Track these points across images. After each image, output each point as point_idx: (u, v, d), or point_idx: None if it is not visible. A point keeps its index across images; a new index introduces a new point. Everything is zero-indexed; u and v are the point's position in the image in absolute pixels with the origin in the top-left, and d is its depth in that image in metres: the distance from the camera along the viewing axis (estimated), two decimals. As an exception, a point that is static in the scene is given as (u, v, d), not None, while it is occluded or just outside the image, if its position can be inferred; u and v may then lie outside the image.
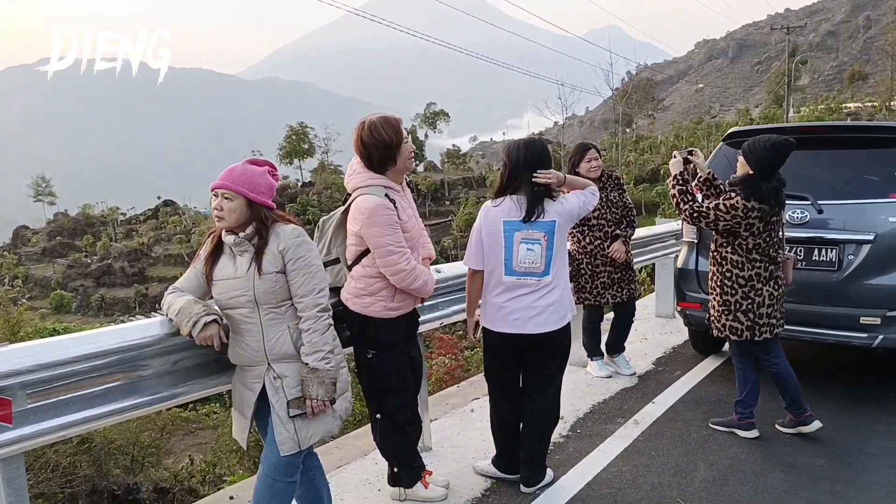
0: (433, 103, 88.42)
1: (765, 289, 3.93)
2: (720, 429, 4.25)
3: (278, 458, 2.66)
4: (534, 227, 3.28)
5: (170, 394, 2.83)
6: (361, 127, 3.12)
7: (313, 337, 2.61)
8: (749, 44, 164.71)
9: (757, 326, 3.94)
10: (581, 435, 4.30)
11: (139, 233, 69.63)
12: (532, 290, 3.32)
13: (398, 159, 3.14)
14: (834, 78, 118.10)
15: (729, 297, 3.99)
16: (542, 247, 3.27)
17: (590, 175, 5.01)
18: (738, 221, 3.83)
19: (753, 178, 3.84)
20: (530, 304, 3.32)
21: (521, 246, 3.28)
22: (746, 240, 3.88)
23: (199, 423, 14.93)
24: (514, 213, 3.30)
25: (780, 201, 3.88)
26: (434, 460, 3.91)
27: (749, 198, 3.80)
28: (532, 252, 3.27)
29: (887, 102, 67.61)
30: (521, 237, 3.28)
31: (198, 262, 2.75)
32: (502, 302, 3.37)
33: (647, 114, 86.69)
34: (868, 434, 4.16)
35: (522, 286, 3.33)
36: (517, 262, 3.30)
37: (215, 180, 2.64)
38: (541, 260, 3.29)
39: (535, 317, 3.32)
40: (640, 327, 6.92)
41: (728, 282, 3.98)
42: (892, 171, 4.55)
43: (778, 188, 3.86)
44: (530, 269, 3.30)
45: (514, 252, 3.30)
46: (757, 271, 3.92)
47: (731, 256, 3.96)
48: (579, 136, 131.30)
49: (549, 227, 3.29)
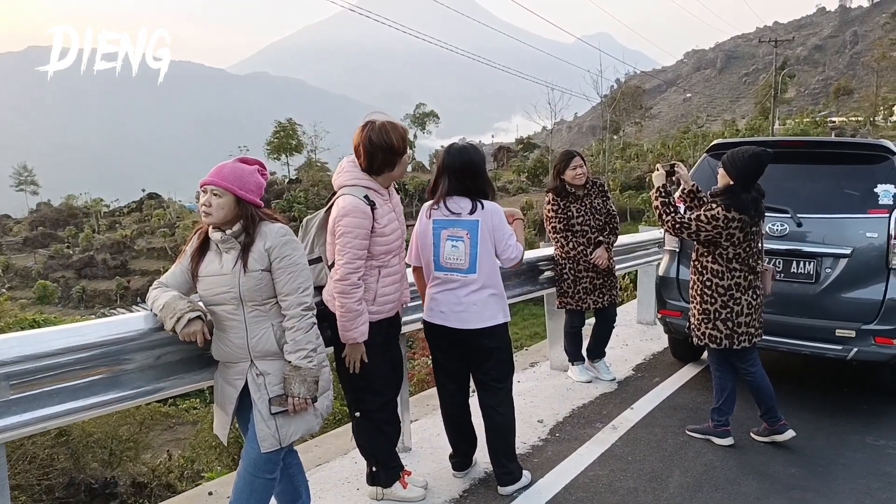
0: (423, 104, 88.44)
1: (743, 298, 4.00)
2: (696, 436, 4.31)
3: (259, 455, 2.68)
4: (458, 226, 3.39)
5: (152, 388, 2.85)
6: (371, 126, 3.12)
7: (297, 335, 2.64)
8: (737, 55, 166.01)
9: (736, 335, 4.01)
10: (560, 438, 4.34)
11: (123, 225, 69.05)
12: (459, 285, 3.42)
13: (397, 167, 3.17)
14: (820, 92, 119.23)
15: (709, 305, 4.05)
16: (465, 244, 3.38)
17: (575, 182, 5.10)
18: (720, 232, 3.89)
19: (734, 189, 3.91)
20: (458, 300, 3.41)
21: (447, 243, 3.41)
22: (727, 249, 3.95)
23: (178, 419, 14.86)
24: (443, 211, 3.42)
25: (759, 211, 3.96)
26: (413, 461, 3.94)
27: (730, 208, 3.87)
28: (456, 249, 3.40)
29: (872, 117, 68.37)
30: (447, 234, 3.41)
31: (184, 258, 2.76)
32: (433, 294, 3.51)
33: (634, 121, 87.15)
34: (840, 444, 4.23)
35: (450, 281, 3.44)
36: (443, 257, 3.43)
37: (204, 175, 2.67)
38: (465, 257, 3.39)
39: (461, 312, 3.42)
40: (621, 333, 6.99)
41: (708, 290, 4.05)
42: (871, 188, 4.64)
43: (757, 198, 3.94)
44: (455, 266, 3.41)
45: (441, 248, 3.42)
46: (736, 281, 3.98)
47: (712, 266, 4.02)
48: (567, 140, 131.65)
49: (473, 225, 3.37)
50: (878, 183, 4.65)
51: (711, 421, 4.27)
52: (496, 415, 3.55)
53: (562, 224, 5.18)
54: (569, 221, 5.17)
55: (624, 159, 60.82)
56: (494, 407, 3.54)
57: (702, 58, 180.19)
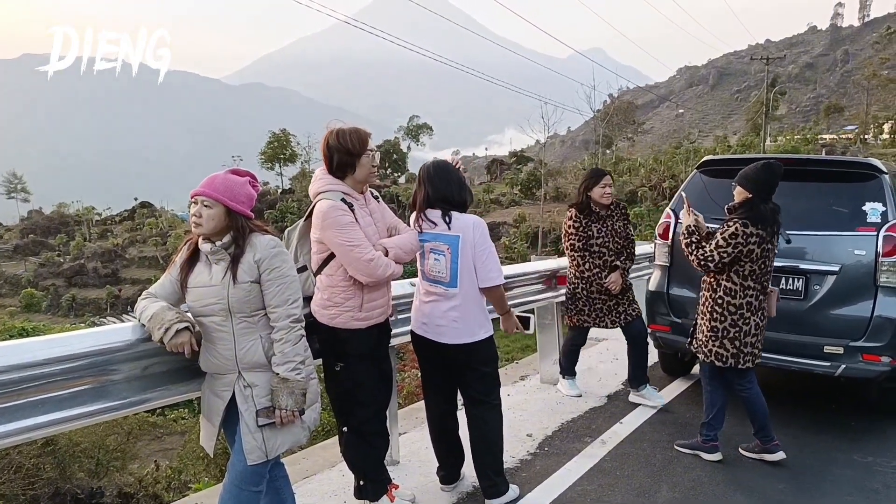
0: (417, 116, 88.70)
1: (753, 318, 4.01)
2: (685, 451, 4.31)
3: (245, 467, 2.67)
4: (439, 240, 3.45)
5: (139, 399, 2.83)
6: (329, 132, 3.22)
7: (285, 347, 2.64)
8: (729, 72, 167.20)
9: (742, 354, 4.02)
10: (548, 453, 4.34)
11: (114, 233, 68.82)
12: (442, 298, 3.47)
13: (357, 168, 3.20)
14: (811, 109, 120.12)
15: (718, 323, 4.05)
16: (446, 258, 3.44)
17: (601, 201, 5.07)
18: (740, 249, 3.89)
19: (753, 201, 3.94)
20: (441, 313, 3.47)
21: (430, 255, 3.48)
22: (744, 266, 3.95)
23: (166, 429, 14.78)
24: (425, 224, 3.49)
25: (776, 224, 3.98)
26: (401, 474, 3.92)
27: (747, 224, 3.88)
28: (438, 262, 3.46)
29: (862, 135, 68.91)
30: (430, 247, 3.48)
31: (173, 269, 2.76)
32: (419, 304, 3.59)
33: (627, 136, 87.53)
34: (828, 461, 4.24)
35: (433, 293, 3.50)
36: (427, 269, 3.51)
37: (196, 185, 2.67)
38: (446, 270, 3.44)
39: (441, 326, 3.47)
40: (611, 347, 7.01)
41: (719, 308, 4.05)
42: (860, 205, 4.67)
43: (776, 210, 3.97)
44: (438, 278, 3.47)
45: (427, 260, 3.50)
46: (748, 300, 3.99)
47: (726, 283, 4.02)
48: (560, 154, 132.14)
49: (454, 241, 3.42)
50: (867, 201, 4.69)
51: (700, 436, 4.27)
52: (482, 428, 3.55)
53: (581, 243, 5.10)
54: (588, 241, 5.08)
55: (616, 174, 61.04)
56: (481, 419, 3.54)
57: (694, 74, 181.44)
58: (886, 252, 4.51)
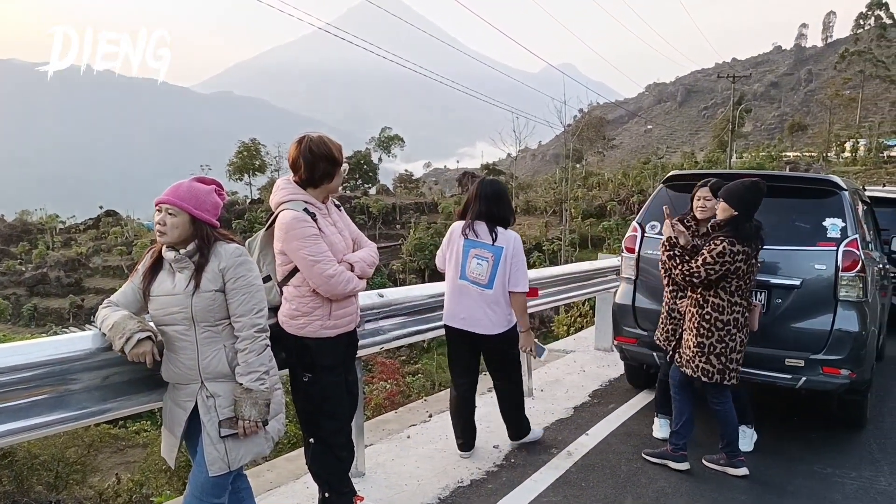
0: (388, 127, 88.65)
1: (739, 335, 4.06)
2: (653, 460, 4.35)
3: (206, 479, 2.62)
4: (484, 248, 4.15)
5: (98, 409, 2.78)
6: (309, 139, 3.19)
7: (249, 357, 2.61)
8: (697, 89, 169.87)
9: (728, 370, 4.06)
10: (514, 465, 4.34)
11: (78, 242, 67.54)
12: (478, 296, 4.15)
13: (335, 178, 3.21)
14: (775, 127, 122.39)
15: (704, 339, 4.09)
16: (488, 264, 4.14)
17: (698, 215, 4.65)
18: (728, 267, 3.93)
19: (738, 219, 3.99)
20: (477, 308, 4.16)
21: (473, 260, 4.16)
22: (731, 283, 4.00)
23: (128, 441, 14.51)
24: (471, 233, 4.17)
25: (759, 241, 4.05)
26: (367, 486, 3.90)
27: (734, 242, 3.93)
28: (480, 266, 4.15)
29: (824, 153, 70.41)
30: (474, 253, 4.16)
31: (135, 277, 2.72)
32: (456, 300, 4.23)
33: (597, 150, 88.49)
34: (789, 473, 4.30)
35: (470, 291, 4.17)
36: (468, 271, 4.17)
37: (161, 194, 2.64)
38: (486, 274, 4.14)
39: (479, 320, 4.17)
40: (578, 359, 7.05)
41: (706, 324, 4.08)
42: (821, 221, 4.77)
43: (759, 228, 4.04)
44: (477, 279, 4.15)
45: (468, 263, 4.16)
46: (735, 316, 4.04)
47: (714, 300, 4.05)
48: (531, 168, 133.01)
49: (498, 251, 4.13)
50: (827, 217, 4.78)
51: (669, 444, 4.31)
52: (508, 396, 4.48)
53: None
54: None
55: (586, 188, 61.69)
56: (507, 390, 4.47)
57: (663, 91, 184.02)
58: (846, 267, 4.60)
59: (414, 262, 50.60)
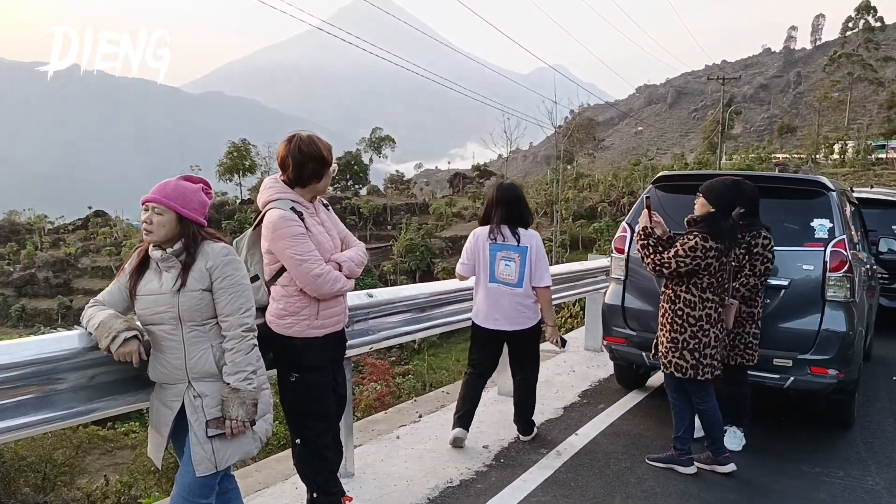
0: (379, 128, 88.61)
1: (712, 331, 4.05)
2: (658, 465, 4.29)
3: (193, 479, 2.61)
4: (510, 249, 4.42)
5: (85, 409, 2.75)
6: (299, 138, 3.17)
7: (236, 357, 2.59)
8: (687, 91, 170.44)
9: (701, 366, 4.05)
10: (504, 464, 4.34)
11: (67, 243, 67.12)
12: (509, 295, 4.43)
13: (324, 178, 3.20)
14: (765, 129, 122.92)
15: (678, 334, 4.09)
16: (516, 264, 4.42)
17: None
18: (699, 262, 3.94)
19: (714, 216, 4.00)
20: (510, 307, 4.44)
21: (500, 262, 4.43)
22: (702, 279, 4.01)
23: (116, 443, 14.43)
24: (493, 236, 4.43)
25: (734, 240, 4.05)
26: (355, 486, 3.89)
27: (707, 238, 3.93)
28: (508, 267, 4.43)
29: (813, 155, 70.77)
30: (501, 255, 4.43)
31: (122, 276, 2.70)
32: (488, 301, 4.47)
33: (588, 152, 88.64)
34: (777, 472, 4.32)
35: (502, 292, 4.44)
36: (497, 273, 4.44)
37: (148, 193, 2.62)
38: (515, 274, 4.42)
39: (513, 318, 4.46)
40: (568, 360, 7.07)
41: (679, 320, 4.09)
42: (808, 221, 4.80)
43: (734, 227, 4.03)
44: (506, 280, 4.43)
45: (496, 265, 4.43)
46: (708, 312, 4.04)
47: (685, 295, 4.06)
48: (522, 169, 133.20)
49: (523, 251, 4.43)
50: (815, 217, 4.81)
51: (675, 450, 4.27)
52: (526, 385, 4.68)
53: None
54: None
55: (577, 189, 61.76)
56: (527, 379, 4.67)
57: (653, 93, 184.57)
58: (833, 267, 4.63)
59: (405, 263, 50.57)
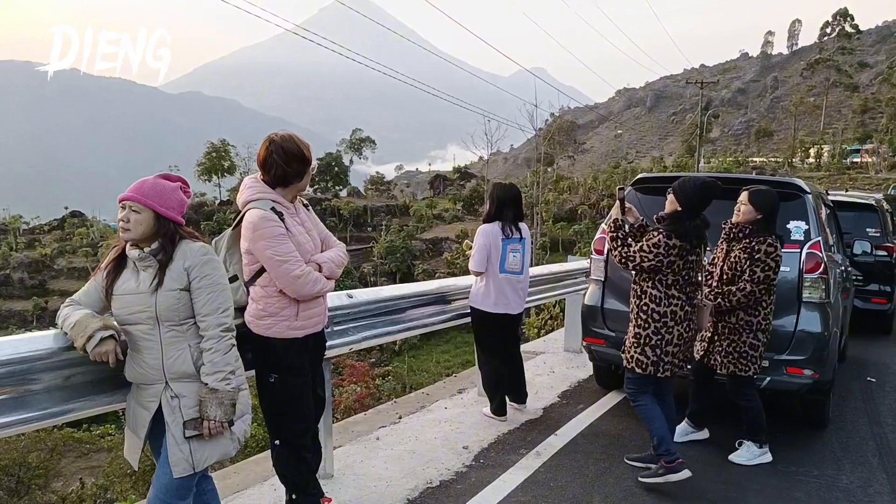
0: (359, 129, 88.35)
1: (676, 329, 4.03)
2: (653, 480, 4.02)
3: (171, 480, 2.58)
4: (516, 242, 4.98)
5: (60, 410, 2.71)
6: (277, 138, 3.16)
7: (215, 357, 2.57)
8: (666, 95, 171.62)
9: (662, 363, 4.04)
10: (484, 465, 4.34)
11: (42, 243, 66.23)
12: (516, 283, 5.01)
13: (304, 177, 3.20)
14: (742, 133, 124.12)
15: (641, 330, 4.08)
16: (521, 255, 5.00)
17: None
18: (661, 259, 3.95)
19: (680, 215, 4.01)
20: (515, 293, 5.02)
21: (510, 254, 4.94)
22: (667, 276, 4.01)
23: (92, 445, 14.25)
24: (507, 232, 4.94)
25: (701, 239, 4.06)
26: (335, 488, 3.87)
27: (670, 235, 3.94)
28: (515, 258, 4.96)
29: (790, 159, 71.69)
30: (511, 248, 4.95)
31: (98, 275, 2.67)
32: (500, 291, 4.95)
33: (568, 155, 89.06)
34: (753, 471, 4.36)
35: (510, 281, 4.97)
36: (507, 264, 4.94)
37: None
38: (520, 264, 5.00)
39: (518, 301, 5.06)
40: (548, 361, 7.09)
41: (643, 315, 4.08)
42: (784, 224, 4.85)
43: (700, 227, 4.04)
44: (514, 270, 4.97)
45: (507, 258, 4.93)
46: (673, 309, 4.02)
47: (651, 291, 4.06)
48: (503, 171, 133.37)
49: (524, 243, 5.04)
50: (791, 219, 4.87)
51: (662, 459, 4.03)
52: (516, 356, 5.27)
53: None
54: None
55: (557, 191, 62.07)
56: (517, 356, 5.28)
57: (633, 96, 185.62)
58: (809, 269, 4.69)
59: (385, 265, 50.45)
